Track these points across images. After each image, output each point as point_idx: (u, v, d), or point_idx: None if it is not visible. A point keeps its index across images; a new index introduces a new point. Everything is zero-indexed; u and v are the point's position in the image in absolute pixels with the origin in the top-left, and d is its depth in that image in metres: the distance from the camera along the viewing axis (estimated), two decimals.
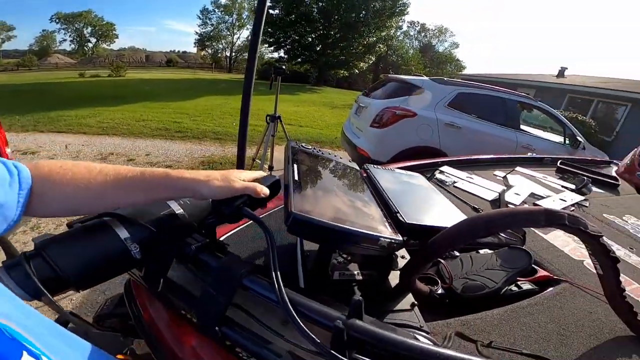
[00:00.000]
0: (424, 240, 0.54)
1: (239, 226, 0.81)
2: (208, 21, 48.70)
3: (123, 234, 0.47)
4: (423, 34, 43.15)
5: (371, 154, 3.59)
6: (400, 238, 0.50)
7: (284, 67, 3.10)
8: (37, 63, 49.24)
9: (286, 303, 0.39)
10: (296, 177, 0.57)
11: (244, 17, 47.50)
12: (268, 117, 3.26)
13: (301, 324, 0.37)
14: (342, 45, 24.96)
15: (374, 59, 27.51)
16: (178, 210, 0.55)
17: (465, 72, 35.97)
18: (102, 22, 63.37)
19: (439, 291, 0.67)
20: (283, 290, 0.41)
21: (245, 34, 48.24)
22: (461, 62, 39.73)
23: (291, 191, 0.51)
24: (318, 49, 25.65)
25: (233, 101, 10.43)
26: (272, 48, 27.70)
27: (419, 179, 0.90)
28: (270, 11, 25.02)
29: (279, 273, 0.42)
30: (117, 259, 0.46)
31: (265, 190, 0.54)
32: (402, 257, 0.67)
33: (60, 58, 55.41)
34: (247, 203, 0.53)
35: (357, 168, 0.82)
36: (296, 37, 25.72)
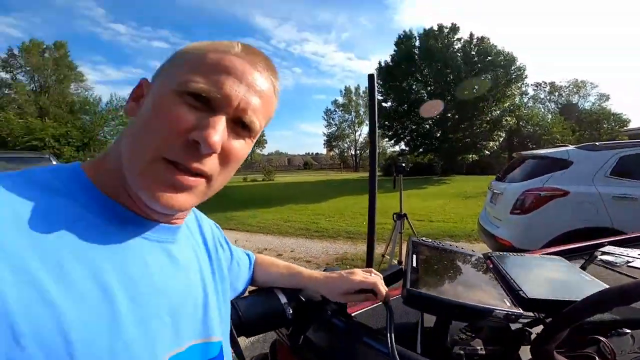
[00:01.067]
0: (554, 312, 0.54)
1: (371, 305, 0.92)
2: (332, 121, 51.83)
3: (283, 299, 0.68)
4: (557, 94, 37.44)
5: (515, 243, 3.17)
6: (520, 311, 0.53)
7: (403, 164, 3.34)
8: None
9: (394, 354, 0.49)
10: (414, 265, 0.69)
11: (362, 113, 49.65)
12: (395, 216, 3.41)
13: None
14: (464, 127, 23.49)
15: (503, 135, 24.75)
16: None
17: (631, 125, 28.41)
18: None
19: None
20: (394, 343, 0.51)
21: (365, 129, 49.90)
22: (620, 115, 30.74)
23: (408, 274, 0.63)
24: (438, 135, 24.81)
25: (362, 200, 11.17)
26: (392, 141, 28.06)
27: (557, 261, 0.85)
28: (383, 104, 25.68)
29: (392, 332, 0.53)
30: (277, 315, 0.66)
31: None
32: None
33: None
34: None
35: (480, 256, 0.85)
36: (413, 127, 25.50)
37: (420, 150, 26.00)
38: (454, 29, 24.30)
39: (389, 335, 0.54)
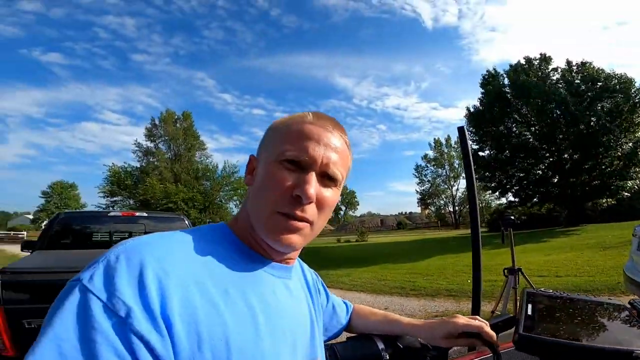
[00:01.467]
0: None
1: (476, 357, 0.82)
2: (424, 178, 48.30)
3: (380, 345, 0.70)
4: None
5: None
6: None
7: (512, 217, 3.02)
8: None
9: None
10: (529, 313, 0.61)
11: (456, 165, 45.60)
12: (506, 271, 3.04)
13: None
14: (588, 167, 19.07)
15: None
16: None
17: None
18: (346, 190, 78.07)
19: None
20: None
21: (463, 183, 45.80)
22: None
23: (522, 320, 0.55)
24: (555, 180, 20.96)
25: (465, 258, 10.06)
26: (497, 193, 24.60)
27: None
28: (480, 153, 22.72)
29: None
30: None
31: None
32: None
33: (325, 226, 74.59)
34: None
35: (619, 303, 0.70)
36: (521, 174, 21.82)
37: (535, 200, 22.13)
38: (546, 59, 21.34)
39: None
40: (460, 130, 1.83)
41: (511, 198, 23.92)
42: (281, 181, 0.48)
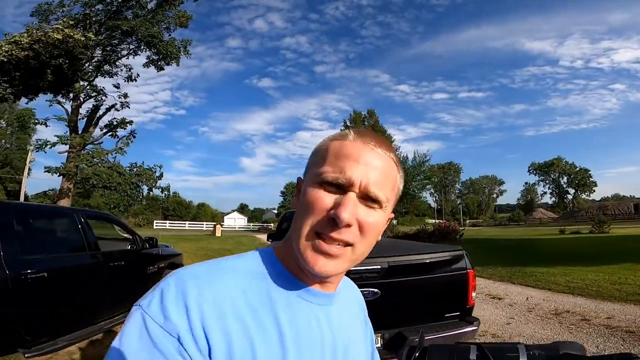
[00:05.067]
0: None
1: None
2: None
3: (473, 355, 0.61)
4: None
5: None
6: None
7: None
8: (524, 218, 52.89)
9: None
10: None
11: None
12: None
13: None
14: None
15: None
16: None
17: None
18: (574, 169, 59.37)
19: None
20: None
21: None
22: None
23: None
24: None
25: None
26: None
27: None
28: None
29: None
30: None
31: None
32: None
33: (543, 213, 55.74)
34: None
35: None
36: None
37: None
38: None
39: None
40: None
41: None
42: (320, 203, 0.47)
